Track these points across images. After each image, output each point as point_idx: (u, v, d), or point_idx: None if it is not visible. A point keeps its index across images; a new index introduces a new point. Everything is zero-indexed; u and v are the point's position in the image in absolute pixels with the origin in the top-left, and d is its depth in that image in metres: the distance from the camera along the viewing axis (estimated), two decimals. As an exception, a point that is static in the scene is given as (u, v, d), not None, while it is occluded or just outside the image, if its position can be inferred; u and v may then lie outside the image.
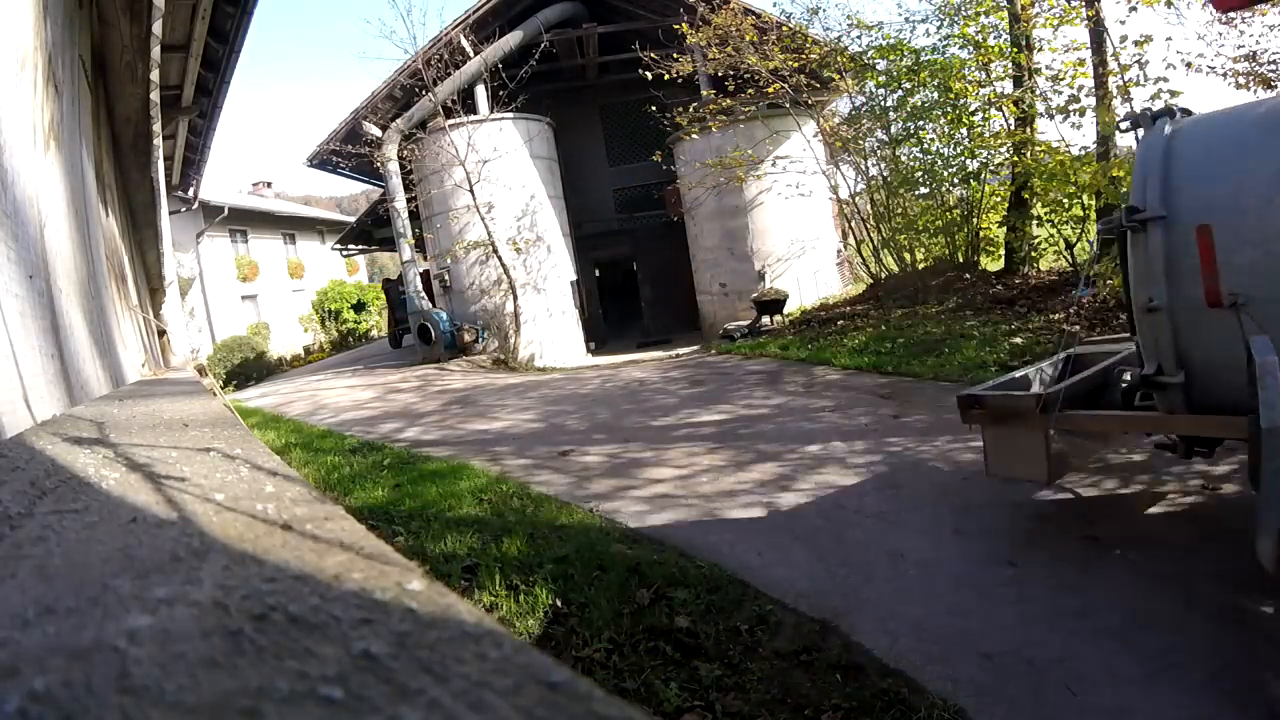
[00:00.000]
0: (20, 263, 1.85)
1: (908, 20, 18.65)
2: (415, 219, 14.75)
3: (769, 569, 3.46)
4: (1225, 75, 11.24)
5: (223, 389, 8.04)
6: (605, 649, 2.85)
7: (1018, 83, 10.20)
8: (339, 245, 23.18)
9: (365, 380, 12.02)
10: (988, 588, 3.09)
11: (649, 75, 12.33)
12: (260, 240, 25.46)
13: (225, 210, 21.50)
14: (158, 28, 4.34)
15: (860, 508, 4.09)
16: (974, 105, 10.59)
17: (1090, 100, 9.25)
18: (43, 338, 1.97)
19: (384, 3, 41.19)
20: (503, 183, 13.55)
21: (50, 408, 1.87)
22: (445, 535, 4.07)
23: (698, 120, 12.80)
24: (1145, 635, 2.63)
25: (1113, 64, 8.88)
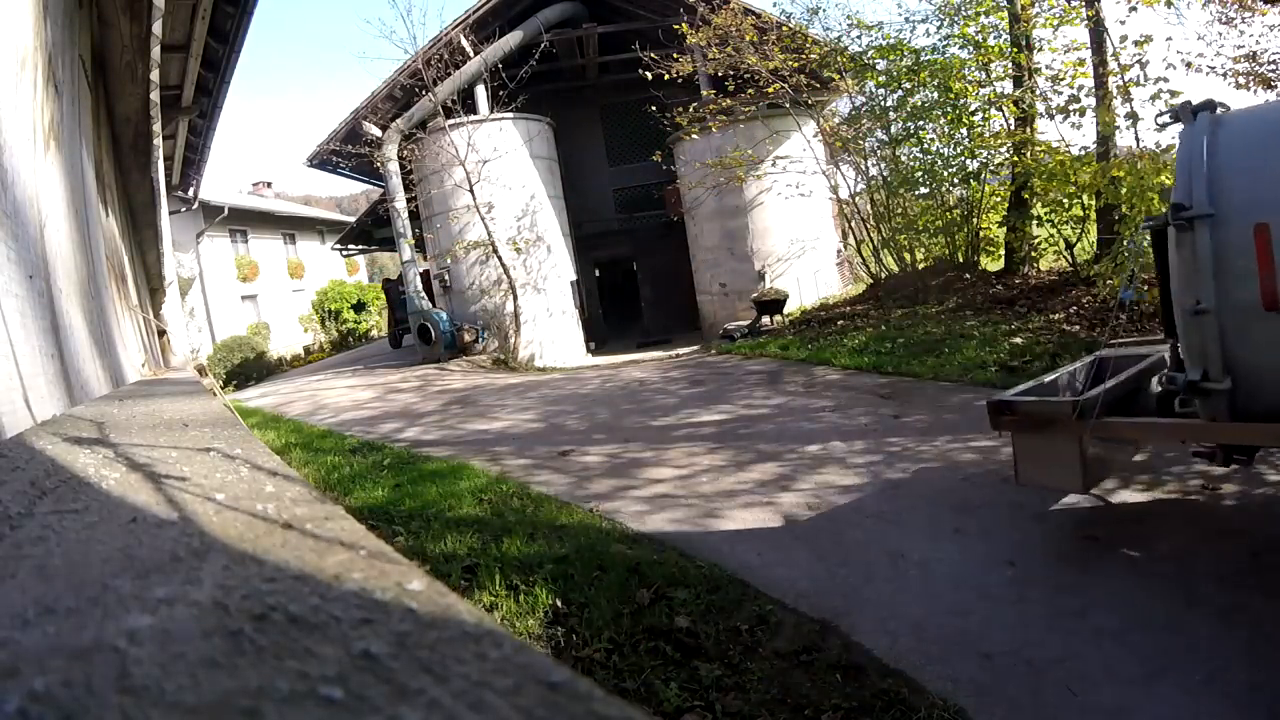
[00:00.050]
0: (20, 263, 1.85)
1: (908, 20, 18.65)
2: (415, 219, 14.75)
3: (769, 569, 3.46)
4: (1225, 75, 11.26)
5: (223, 389, 8.04)
6: (605, 649, 2.85)
7: (1018, 83, 10.20)
8: (339, 245, 23.19)
9: (365, 380, 12.02)
10: (988, 588, 3.09)
11: (649, 75, 12.33)
12: (260, 240, 25.47)
13: (225, 210, 21.50)
14: (158, 28, 4.34)
15: (860, 507, 4.09)
16: (974, 105, 10.60)
17: (1090, 100, 9.25)
18: (43, 338, 1.97)
19: (384, 3, 41.23)
20: (503, 183, 13.55)
21: (50, 408, 1.87)
22: (445, 535, 4.07)
23: (698, 120, 12.80)
24: (1145, 635, 2.63)
25: (1113, 64, 8.88)
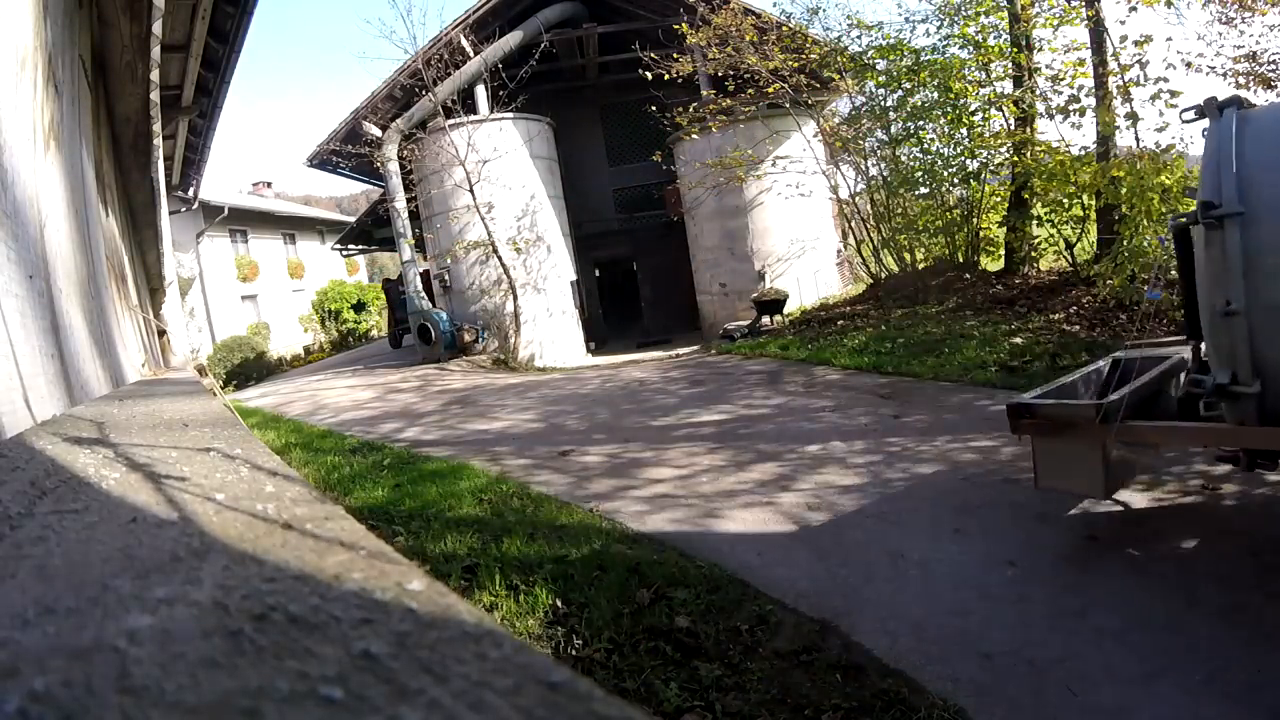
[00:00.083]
0: (20, 263, 1.85)
1: (908, 20, 18.66)
2: (415, 219, 14.75)
3: (769, 569, 3.46)
4: (1225, 75, 11.25)
5: (223, 389, 8.04)
6: (605, 649, 2.85)
7: (1018, 83, 10.20)
8: (339, 245, 23.20)
9: (365, 380, 12.02)
10: (988, 588, 3.09)
11: (649, 75, 12.33)
12: (260, 240, 25.47)
13: (225, 210, 21.49)
14: (158, 28, 4.34)
15: (860, 507, 4.09)
16: (974, 105, 10.60)
17: (1090, 100, 9.26)
18: (43, 338, 1.97)
19: (384, 3, 41.23)
20: (503, 183, 13.55)
21: (50, 408, 1.87)
22: (445, 535, 4.07)
23: (698, 120, 12.80)
24: (1145, 635, 2.63)
25: (1113, 64, 8.89)
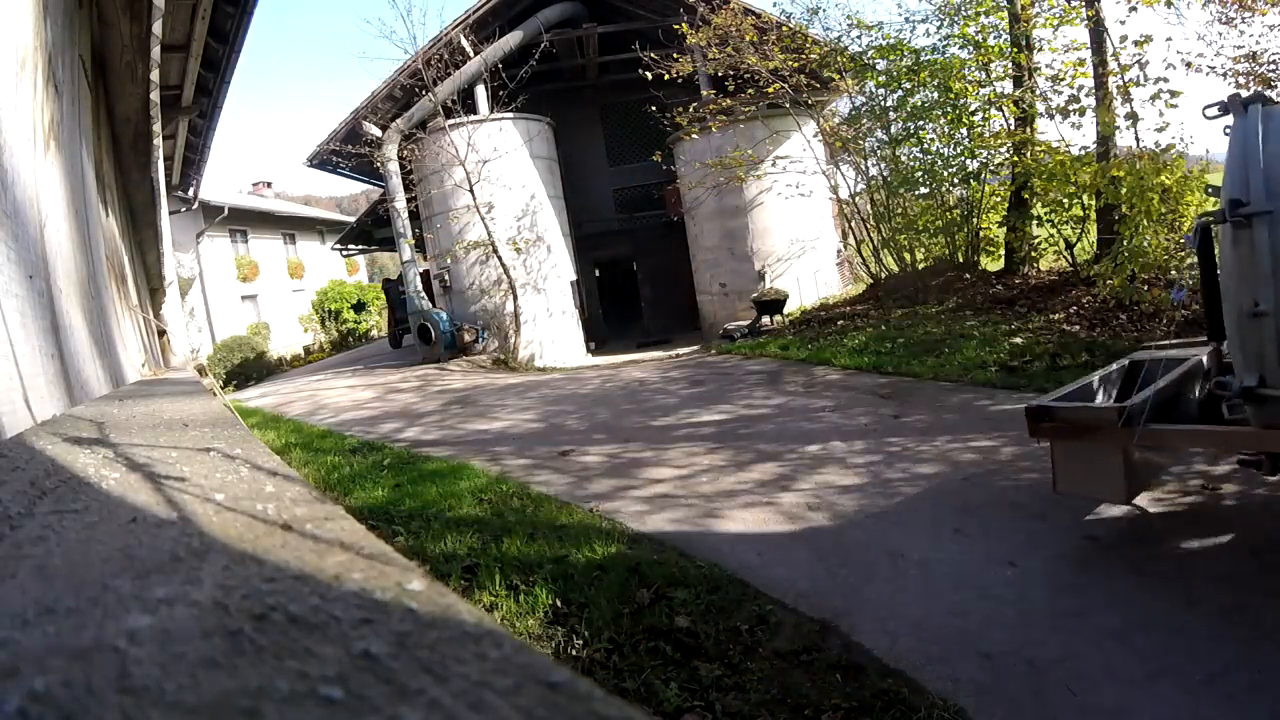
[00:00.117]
0: (20, 263, 1.85)
1: (908, 20, 18.64)
2: (415, 219, 14.75)
3: (769, 569, 3.46)
4: (1225, 75, 11.24)
5: (223, 389, 8.04)
6: (605, 649, 2.85)
7: (1018, 83, 10.20)
8: (339, 245, 23.19)
9: (365, 380, 12.02)
10: (988, 587, 3.09)
11: (649, 75, 12.33)
12: (260, 240, 25.46)
13: (225, 210, 21.49)
14: (158, 28, 4.34)
15: (860, 507, 4.09)
16: (974, 105, 10.60)
17: (1090, 100, 9.26)
18: (43, 338, 1.97)
19: (384, 3, 41.23)
20: (503, 183, 13.55)
21: (50, 408, 1.87)
22: (445, 535, 4.07)
23: (698, 120, 12.80)
24: (1145, 635, 2.63)
25: (1113, 64, 8.89)
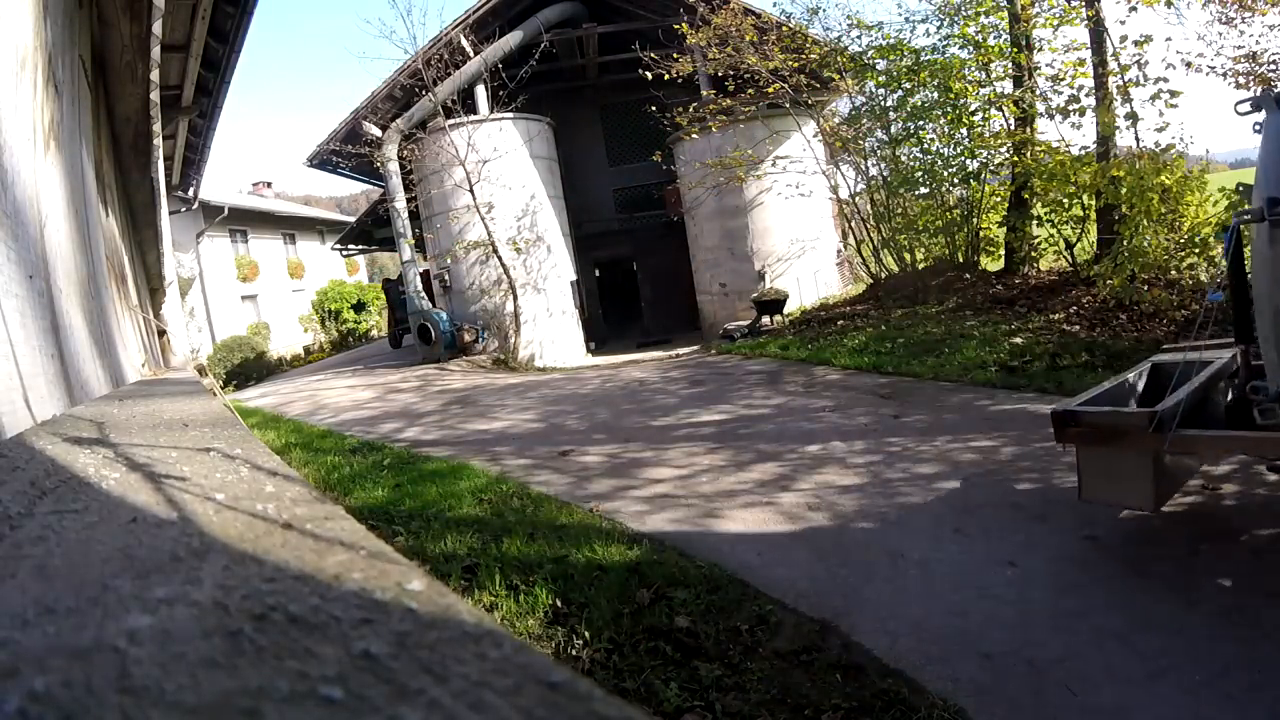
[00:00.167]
0: (20, 263, 1.85)
1: (908, 20, 18.68)
2: (415, 219, 14.75)
3: (769, 569, 3.46)
4: (1225, 75, 11.25)
5: (223, 389, 8.04)
6: (605, 649, 2.85)
7: (1018, 83, 10.20)
8: (339, 245, 23.19)
9: (365, 380, 12.02)
10: (988, 588, 3.09)
11: (649, 75, 12.33)
12: (260, 240, 25.47)
13: (225, 210, 21.49)
14: (158, 28, 4.34)
15: (860, 507, 4.08)
16: (974, 105, 10.60)
17: (1090, 100, 9.26)
18: (43, 338, 1.97)
19: (384, 3, 41.24)
20: (503, 183, 13.55)
21: (50, 408, 1.87)
22: (445, 535, 4.07)
23: (698, 120, 12.80)
24: (1145, 635, 2.63)
25: (1113, 64, 8.89)
